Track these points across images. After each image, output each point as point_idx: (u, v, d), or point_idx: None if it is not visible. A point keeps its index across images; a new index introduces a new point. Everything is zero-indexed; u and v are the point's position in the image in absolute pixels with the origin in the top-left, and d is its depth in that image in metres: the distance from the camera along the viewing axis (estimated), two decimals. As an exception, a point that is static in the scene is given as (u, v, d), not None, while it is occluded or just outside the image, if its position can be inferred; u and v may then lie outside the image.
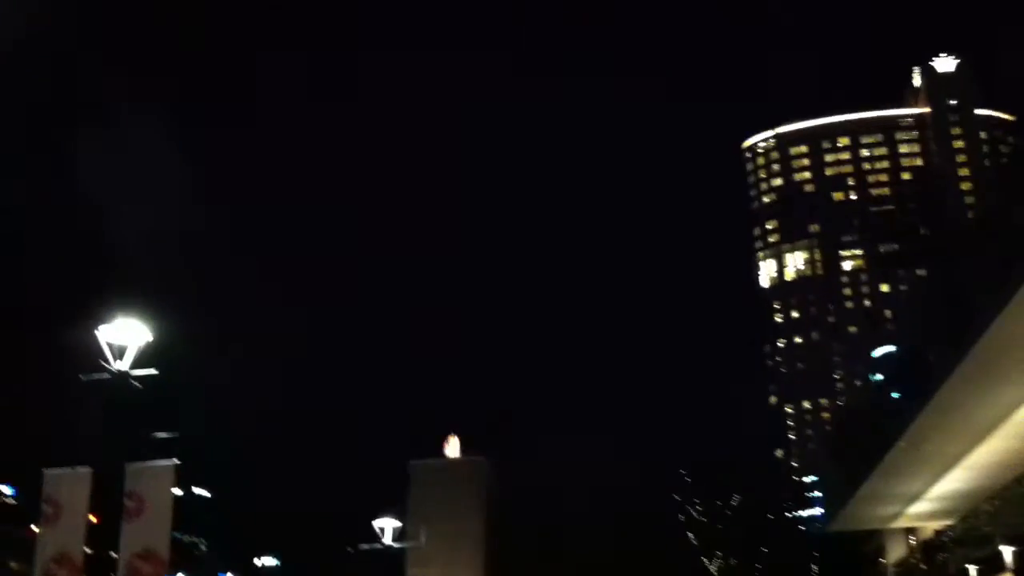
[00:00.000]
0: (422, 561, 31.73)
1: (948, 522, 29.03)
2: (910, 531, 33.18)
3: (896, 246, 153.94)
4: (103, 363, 13.43)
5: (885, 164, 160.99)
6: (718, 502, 49.79)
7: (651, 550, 48.10)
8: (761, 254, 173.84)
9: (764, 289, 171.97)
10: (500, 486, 42.68)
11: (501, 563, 40.94)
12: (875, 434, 26.01)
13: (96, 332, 13.58)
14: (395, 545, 30.08)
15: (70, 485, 14.58)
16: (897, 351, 32.64)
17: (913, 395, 21.53)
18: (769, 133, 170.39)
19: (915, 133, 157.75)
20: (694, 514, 49.96)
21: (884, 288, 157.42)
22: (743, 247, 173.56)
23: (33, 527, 18.57)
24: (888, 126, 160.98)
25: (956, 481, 25.52)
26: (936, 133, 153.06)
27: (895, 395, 25.79)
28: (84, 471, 14.58)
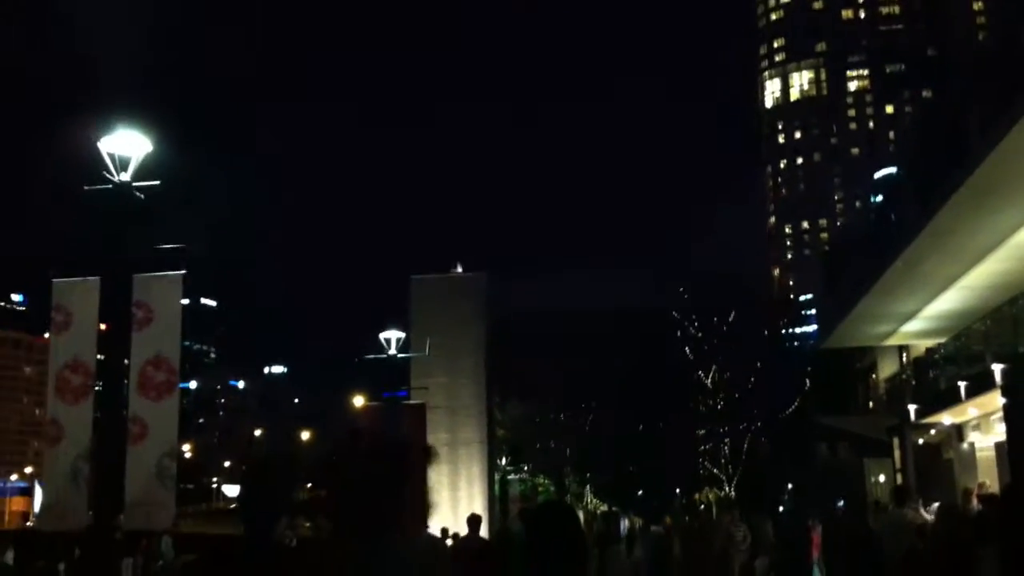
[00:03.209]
0: (426, 371, 32.43)
1: (940, 340, 29.64)
2: (902, 348, 33.89)
3: (903, 67, 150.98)
4: (106, 174, 13.46)
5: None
6: (714, 318, 50.64)
7: (647, 365, 49.23)
8: (766, 73, 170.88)
9: (767, 109, 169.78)
10: (501, 302, 43.46)
11: (501, 372, 41.95)
12: (872, 255, 26.27)
13: (98, 144, 13.56)
14: (400, 356, 30.77)
15: (80, 294, 14.84)
16: (898, 173, 32.56)
17: (911, 218, 21.63)
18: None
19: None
20: (691, 330, 50.91)
21: (888, 110, 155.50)
22: (748, 66, 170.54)
23: (45, 335, 19.04)
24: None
25: (950, 301, 25.93)
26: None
27: (894, 217, 25.89)
28: (92, 280, 14.82)
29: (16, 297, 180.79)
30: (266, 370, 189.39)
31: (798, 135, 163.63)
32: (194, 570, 4.98)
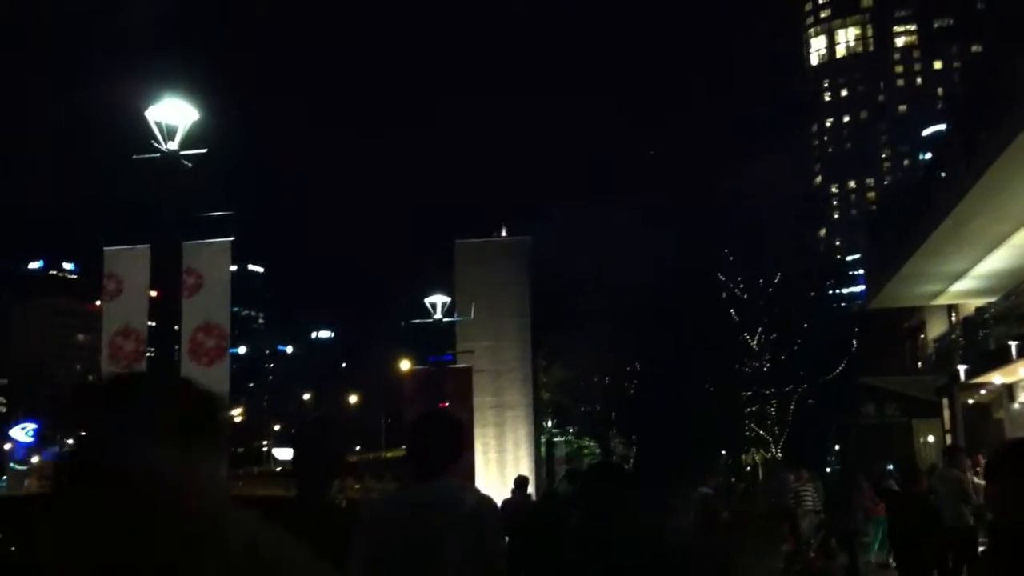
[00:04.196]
0: (471, 334, 32.61)
1: (990, 299, 29.28)
2: (951, 308, 33.53)
3: (951, 21, 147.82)
4: (153, 143, 13.63)
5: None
6: (760, 280, 50.28)
7: (692, 327, 49.02)
8: (812, 31, 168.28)
9: (813, 67, 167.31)
10: (545, 264, 43.45)
11: (546, 335, 42.03)
12: (921, 213, 25.95)
13: (145, 113, 13.72)
14: (445, 320, 30.95)
15: (130, 261, 15.07)
16: (947, 129, 32.05)
17: (960, 175, 21.32)
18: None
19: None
20: (736, 292, 50.60)
21: (936, 65, 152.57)
22: (793, 22, 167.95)
23: (97, 302, 19.37)
24: None
25: (1000, 260, 25.58)
26: None
27: (943, 174, 25.52)
28: (142, 248, 15.04)
29: (68, 265, 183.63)
30: (313, 335, 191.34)
31: (844, 93, 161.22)
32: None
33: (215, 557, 1.52)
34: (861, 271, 58.75)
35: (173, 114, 13.63)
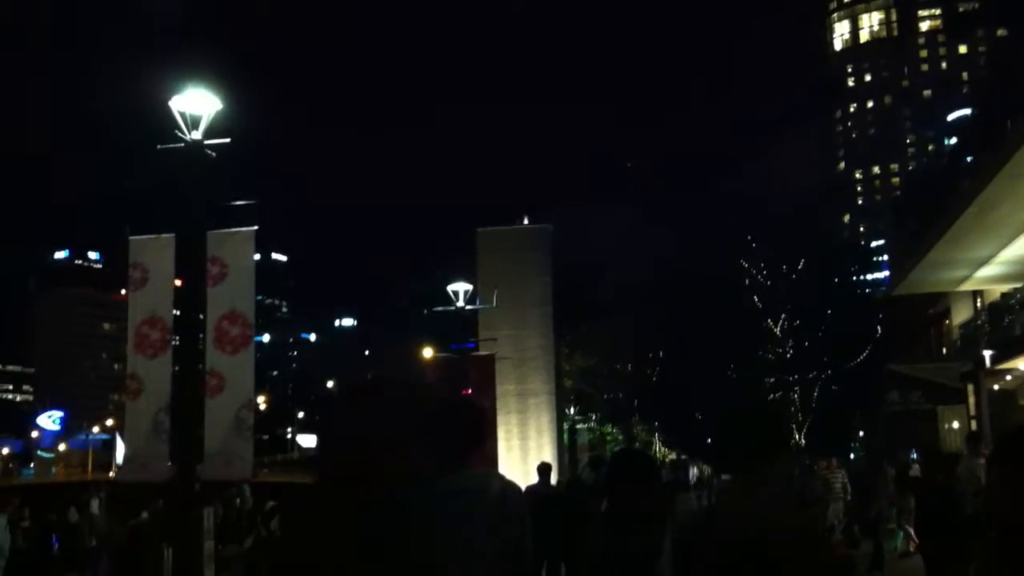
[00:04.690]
0: (493, 322, 32.64)
1: (1016, 285, 29.07)
2: (976, 294, 33.30)
3: (976, 4, 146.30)
4: (177, 132, 13.71)
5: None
6: (784, 266, 50.09)
7: (715, 312, 48.94)
8: (835, 15, 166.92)
9: (836, 51, 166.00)
10: (567, 253, 43.48)
11: (568, 324, 42.02)
12: (946, 199, 25.76)
13: (169, 103, 13.80)
14: (467, 308, 30.99)
15: (155, 250, 15.16)
16: (972, 114, 31.79)
17: (985, 161, 21.15)
18: None
19: None
20: (760, 278, 50.43)
21: (962, 50, 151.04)
22: (817, 7, 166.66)
23: (122, 292, 19.52)
24: None
25: (1026, 245, 25.40)
26: None
27: (969, 159, 25.34)
28: (167, 237, 15.12)
29: (93, 255, 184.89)
30: (336, 323, 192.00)
31: (868, 78, 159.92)
32: (282, 513, 5.19)
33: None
34: (885, 257, 58.45)
35: (197, 104, 13.71)
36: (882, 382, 43.40)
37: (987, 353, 29.31)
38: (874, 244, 76.96)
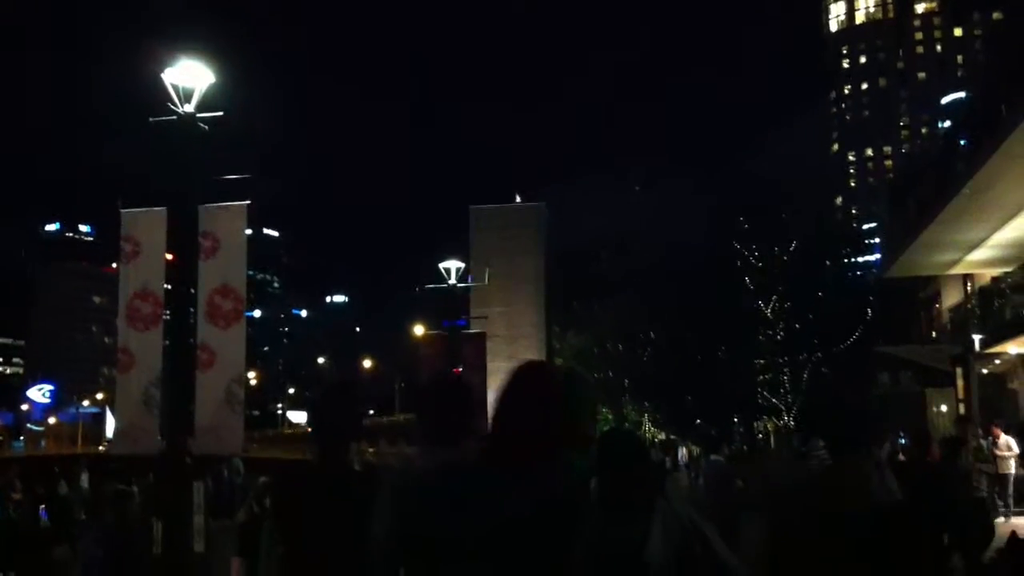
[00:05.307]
0: (485, 300, 32.67)
1: (1007, 269, 29.14)
2: (967, 277, 33.39)
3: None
4: (170, 105, 13.61)
5: None
6: (775, 248, 50.10)
7: (706, 293, 48.96)
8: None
9: (831, 32, 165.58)
10: (559, 231, 43.46)
11: (560, 303, 42.07)
12: (940, 181, 25.79)
13: (161, 75, 13.70)
14: (459, 285, 30.98)
15: (147, 224, 15.10)
16: (967, 97, 31.78)
17: (980, 143, 21.17)
18: None
19: None
20: (751, 259, 50.44)
21: (957, 32, 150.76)
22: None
23: (113, 265, 19.51)
24: None
25: (1018, 229, 25.45)
26: None
27: (963, 142, 25.35)
28: (159, 210, 15.05)
29: (84, 228, 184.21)
30: (328, 299, 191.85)
31: (863, 59, 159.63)
32: (274, 489, 5.18)
33: None
34: (877, 240, 58.55)
35: (189, 76, 13.61)
36: (872, 364, 43.55)
37: (977, 337, 29.42)
38: (867, 226, 77.04)
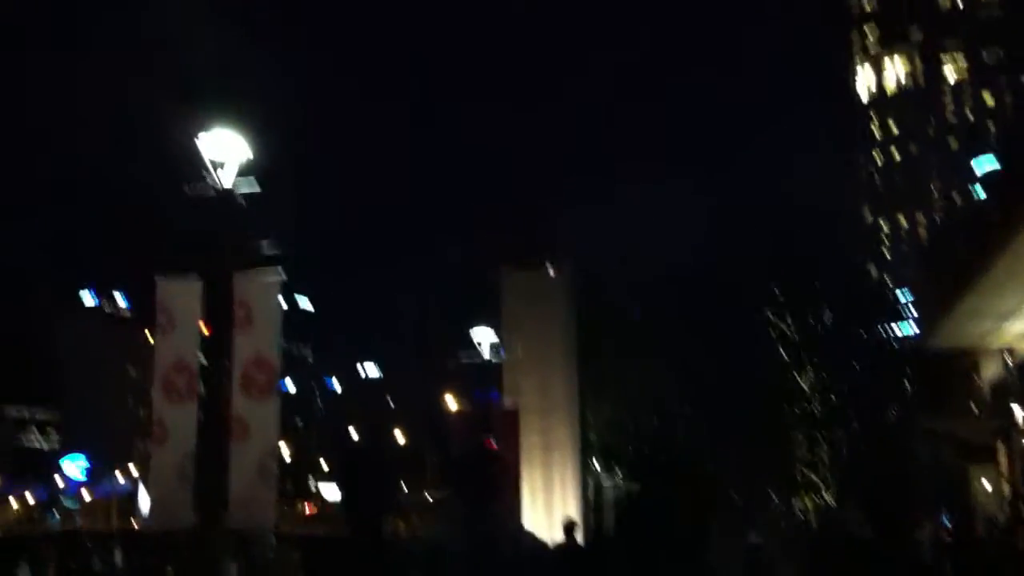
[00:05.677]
0: (517, 370, 32.46)
1: (1048, 339, 28.71)
2: (1008, 348, 32.91)
3: (1002, 53, 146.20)
4: (204, 175, 13.74)
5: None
6: (810, 319, 49.66)
7: (741, 366, 48.49)
8: (860, 62, 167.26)
9: (860, 99, 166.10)
10: (587, 293, 42.95)
11: (590, 366, 41.71)
12: (976, 248, 25.54)
13: (196, 141, 13.85)
14: (493, 361, 30.90)
15: (182, 294, 15.19)
16: (1000, 164, 31.60)
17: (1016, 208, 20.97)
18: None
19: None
20: (785, 330, 49.97)
21: (987, 98, 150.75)
22: (841, 54, 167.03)
23: (148, 334, 19.56)
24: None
25: (1058, 298, 25.12)
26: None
27: (997, 210, 25.15)
28: (194, 280, 15.14)
29: (119, 296, 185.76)
30: (360, 370, 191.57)
31: (893, 126, 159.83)
32: (307, 564, 5.09)
33: None
34: (912, 308, 57.95)
35: (225, 146, 13.75)
36: (911, 438, 42.87)
37: (1018, 410, 28.90)
38: (901, 295, 76.45)
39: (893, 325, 58.55)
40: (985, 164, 41.38)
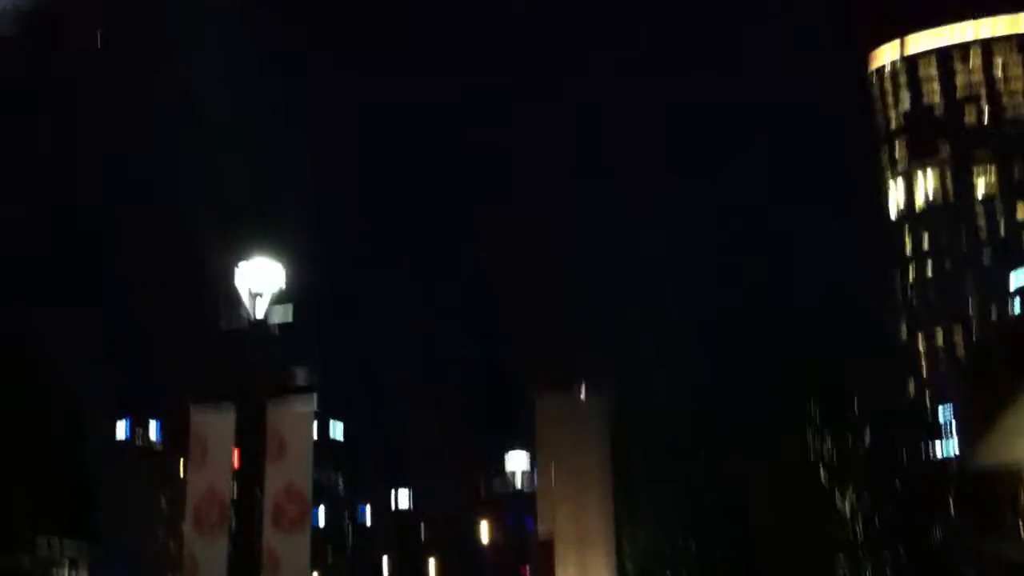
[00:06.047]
0: (552, 497, 32.00)
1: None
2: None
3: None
4: (240, 310, 13.81)
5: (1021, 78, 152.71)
6: (849, 440, 48.93)
7: (781, 489, 47.62)
8: (889, 180, 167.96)
9: (891, 216, 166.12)
10: (620, 420, 42.50)
11: (623, 490, 41.05)
12: (1015, 366, 25.18)
13: (235, 270, 13.95)
14: (526, 491, 30.56)
15: (215, 425, 15.09)
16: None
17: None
18: (896, 51, 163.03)
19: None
20: (825, 453, 49.19)
21: (1020, 212, 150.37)
22: (870, 172, 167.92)
23: (181, 463, 19.43)
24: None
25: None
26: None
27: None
28: (227, 411, 15.04)
29: (151, 426, 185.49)
30: (392, 497, 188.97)
31: (926, 243, 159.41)
32: None
33: None
34: (953, 428, 56.95)
35: (260, 276, 13.86)
36: (956, 559, 41.66)
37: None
38: (941, 414, 75.13)
39: (935, 443, 57.51)
40: (1023, 278, 41.25)
